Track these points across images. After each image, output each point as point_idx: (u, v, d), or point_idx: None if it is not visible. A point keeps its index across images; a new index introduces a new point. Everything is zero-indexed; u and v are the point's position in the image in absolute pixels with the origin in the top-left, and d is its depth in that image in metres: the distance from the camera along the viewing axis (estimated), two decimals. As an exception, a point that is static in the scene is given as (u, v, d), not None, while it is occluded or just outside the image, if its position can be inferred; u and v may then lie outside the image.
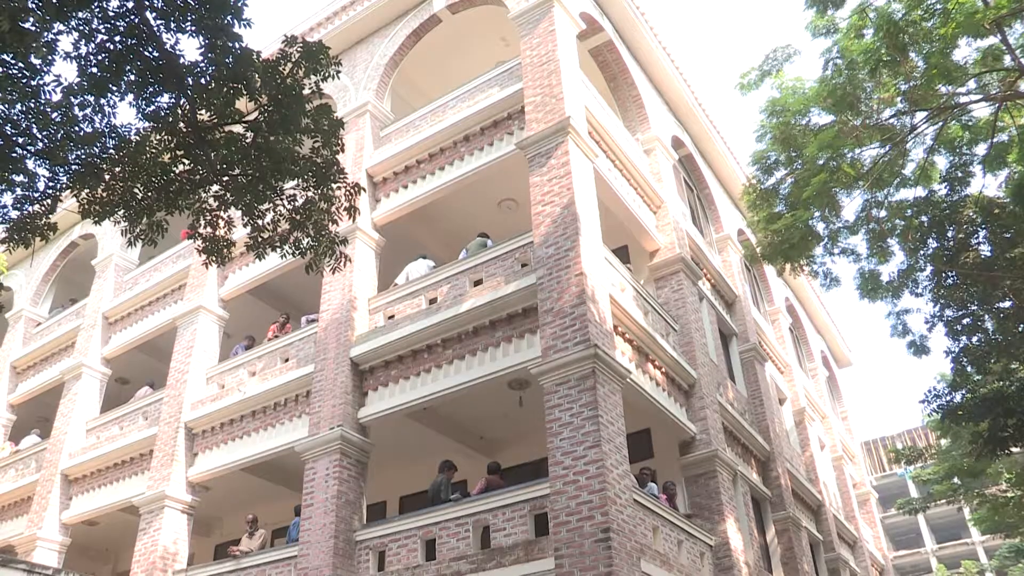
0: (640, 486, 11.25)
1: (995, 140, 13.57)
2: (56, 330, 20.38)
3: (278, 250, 8.91)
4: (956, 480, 21.27)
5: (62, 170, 7.89)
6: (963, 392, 15.52)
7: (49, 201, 7.99)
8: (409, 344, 12.53)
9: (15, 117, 7.47)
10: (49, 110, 7.53)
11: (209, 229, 8.64)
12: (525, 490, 10.58)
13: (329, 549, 11.61)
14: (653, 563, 10.36)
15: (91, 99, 7.53)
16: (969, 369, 15.47)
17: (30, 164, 7.80)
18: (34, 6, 6.63)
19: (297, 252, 8.98)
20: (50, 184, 7.91)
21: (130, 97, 7.57)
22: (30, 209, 7.95)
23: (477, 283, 12.36)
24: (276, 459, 14.06)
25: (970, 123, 13.95)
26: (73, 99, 7.51)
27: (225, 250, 8.91)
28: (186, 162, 7.99)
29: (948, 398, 15.59)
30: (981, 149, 14.19)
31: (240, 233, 9.57)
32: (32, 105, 7.44)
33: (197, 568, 14.17)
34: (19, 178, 7.72)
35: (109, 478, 16.53)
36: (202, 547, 16.77)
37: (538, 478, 10.67)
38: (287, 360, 14.39)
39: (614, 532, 9.40)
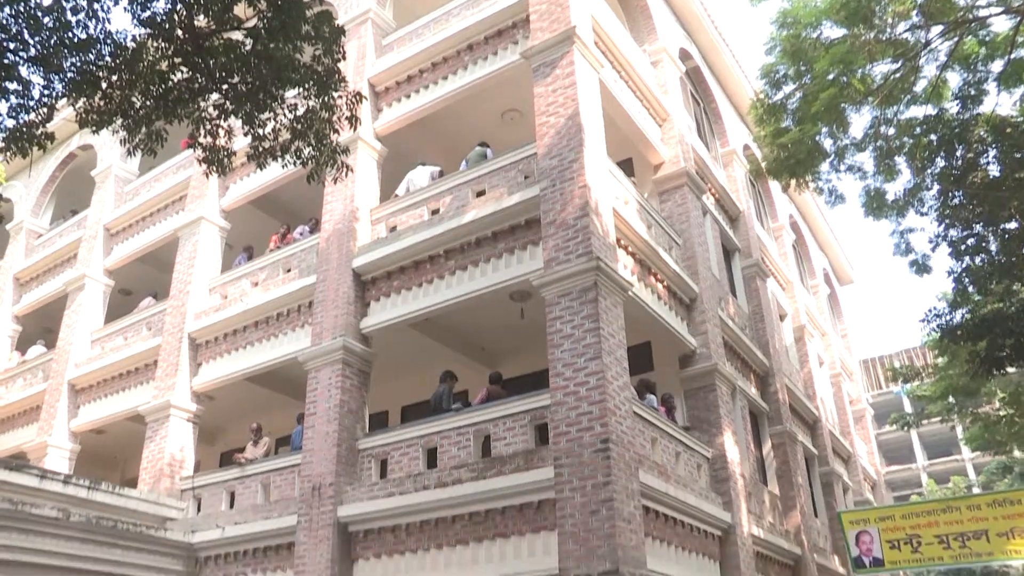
0: (639, 398, 11.38)
1: (1013, 56, 13.26)
2: (58, 242, 20.36)
3: (279, 160, 8.85)
4: (951, 399, 21.48)
5: (57, 78, 7.76)
6: (963, 312, 15.54)
7: (45, 110, 7.88)
8: (411, 255, 12.53)
9: (5, 21, 7.29)
10: (40, 14, 7.35)
11: (209, 139, 8.56)
12: (526, 400, 10.73)
13: (332, 457, 11.83)
14: (651, 474, 10.55)
15: (83, 3, 7.36)
16: (970, 289, 15.44)
17: (24, 71, 7.67)
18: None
19: (298, 162, 8.91)
20: (45, 92, 7.78)
21: (124, 2, 7.39)
22: (26, 118, 7.84)
23: (480, 194, 12.28)
24: (279, 369, 14.22)
25: (987, 38, 13.61)
26: (65, 3, 7.34)
27: (226, 160, 8.84)
28: (184, 70, 7.85)
29: (948, 318, 15.59)
30: (997, 66, 13.86)
31: (241, 143, 9.48)
32: (22, 8, 7.26)
33: (203, 475, 14.49)
34: (13, 86, 7.59)
35: (115, 387, 16.75)
36: (207, 455, 17.10)
37: (539, 389, 10.79)
38: (289, 270, 14.41)
39: (613, 443, 9.55)
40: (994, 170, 14.55)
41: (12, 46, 7.41)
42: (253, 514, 12.92)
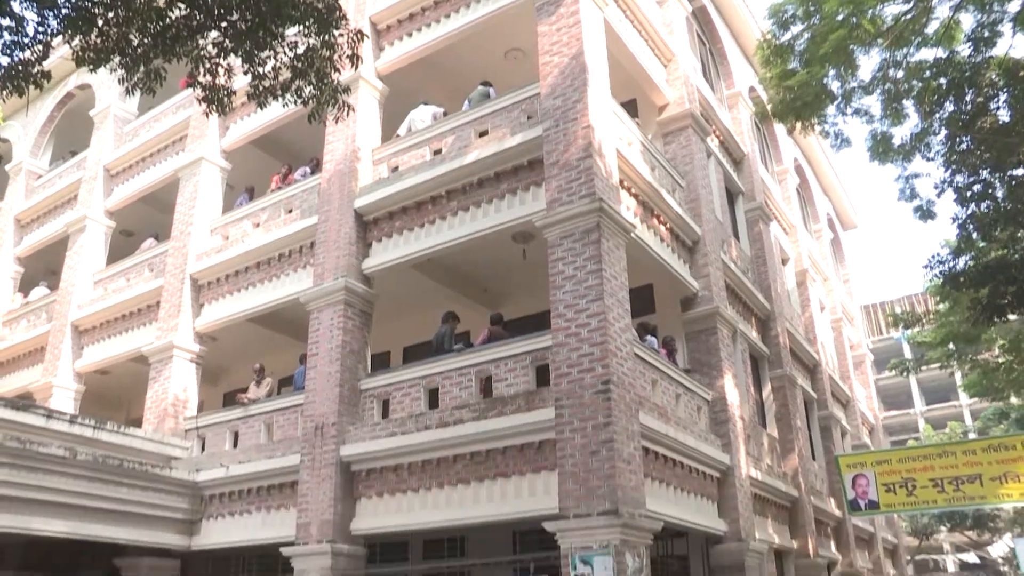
0: (640, 340, 11.41)
1: (1032, -6, 12.97)
2: (57, 183, 20.24)
3: (280, 99, 8.76)
4: (951, 346, 21.54)
5: (52, 14, 7.60)
6: (966, 259, 15.49)
7: (40, 47, 7.74)
8: (413, 195, 12.46)
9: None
10: (31, -54, 7.20)
11: (209, 77, 8.44)
12: (527, 342, 10.75)
13: (334, 397, 11.92)
14: (651, 415, 10.62)
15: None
16: (975, 236, 15.36)
17: (16, 7, 7.52)
18: None
19: (299, 101, 8.82)
20: (40, 29, 7.63)
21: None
22: (21, 56, 7.70)
23: (482, 134, 12.16)
24: (281, 310, 14.25)
25: (1005, -24, 13.30)
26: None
27: (225, 99, 8.73)
28: (182, 7, 7.71)
29: (951, 264, 15.54)
30: (1014, 6, 13.54)
31: (241, 82, 9.35)
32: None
33: (206, 415, 14.62)
34: (6, 22, 7.45)
35: (118, 328, 16.80)
36: (211, 395, 17.23)
37: (540, 330, 10.82)
38: (291, 211, 14.35)
39: (614, 384, 9.59)
40: (1004, 115, 14.34)
41: (3, -21, 7.26)
42: (256, 453, 13.07)
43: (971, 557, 46.29)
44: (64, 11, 7.51)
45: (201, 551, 13.54)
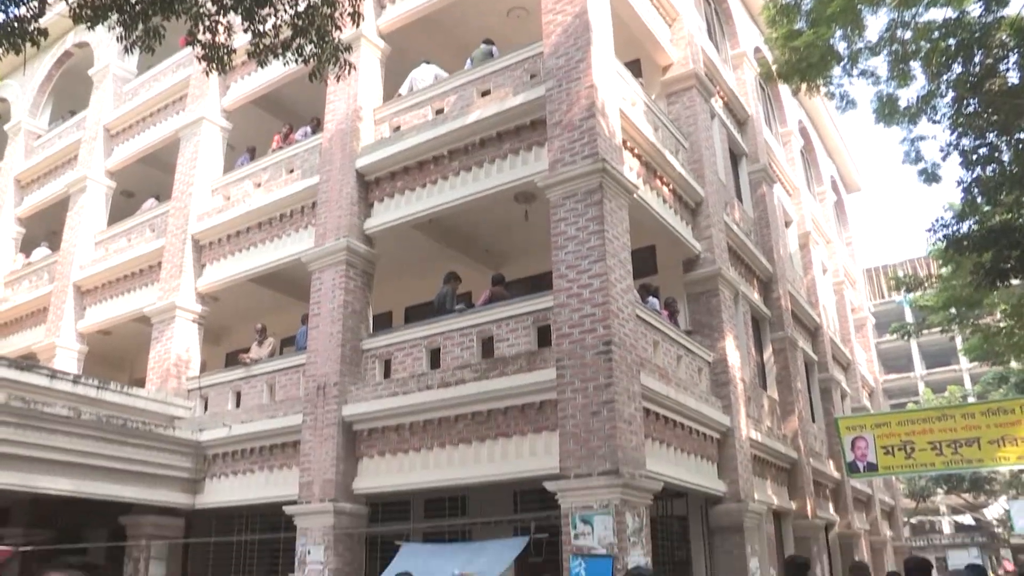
0: (642, 301, 11.40)
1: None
2: (57, 143, 20.12)
3: (280, 57, 8.67)
4: (953, 310, 21.52)
5: (47, -32, 7.51)
6: (970, 223, 15.40)
7: (36, 3, 7.65)
8: (415, 155, 12.37)
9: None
10: None
11: (208, 35, 8.35)
12: (529, 302, 10.76)
13: (336, 357, 11.95)
14: (652, 376, 10.64)
15: None
16: (979, 200, 15.27)
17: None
18: None
19: (300, 59, 8.73)
20: (36, -16, 7.55)
21: None
22: (16, 12, 7.61)
23: (484, 94, 12.04)
24: (283, 270, 14.24)
25: (1019, -69, 13.06)
26: None
27: (225, 57, 8.64)
28: (180, -37, 7.60)
29: (954, 228, 15.46)
30: (1028, -36, 13.35)
31: (241, 40, 9.25)
32: None
33: (209, 375, 14.68)
34: (1, -24, 7.36)
35: (120, 289, 16.81)
36: (213, 355, 17.27)
37: (542, 291, 10.82)
38: (292, 171, 14.28)
39: (615, 345, 9.60)
40: (1013, 77, 14.17)
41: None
42: (259, 413, 13.14)
43: (967, 519, 46.75)
44: (60, -35, 7.41)
45: (205, 509, 13.68)
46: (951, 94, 14.71)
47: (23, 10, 7.60)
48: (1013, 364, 26.28)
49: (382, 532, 11.82)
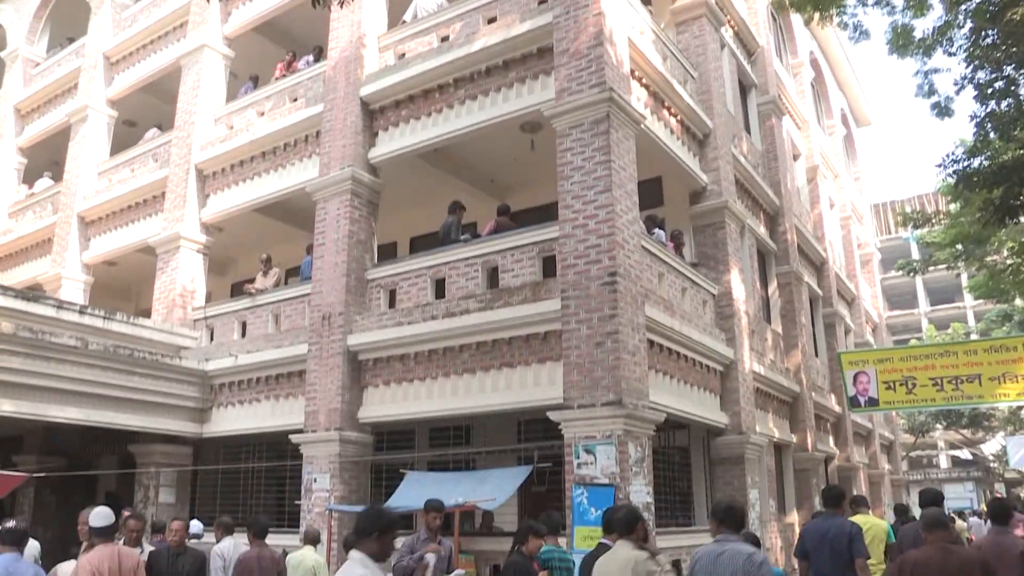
0: (648, 233, 11.34)
1: None
2: (56, 71, 19.83)
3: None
4: (959, 247, 21.41)
5: None
6: (982, 158, 15.20)
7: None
8: (420, 83, 12.18)
9: None
10: None
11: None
12: (534, 232, 10.71)
13: (341, 287, 11.96)
14: (657, 308, 10.64)
15: None
16: (992, 135, 15.03)
17: None
18: None
19: (301, -18, 8.51)
20: None
21: None
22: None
23: (491, 21, 11.78)
24: (287, 200, 14.18)
25: None
26: None
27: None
28: None
29: (965, 164, 15.26)
30: None
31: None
32: None
33: (214, 305, 14.74)
34: None
35: (124, 219, 16.77)
36: (218, 285, 17.31)
37: (547, 221, 10.75)
38: (296, 100, 14.09)
39: (620, 276, 9.58)
40: (1036, 7, 13.82)
41: None
42: (265, 343, 13.21)
43: (964, 454, 47.36)
44: None
45: (212, 438, 13.87)
46: (969, 25, 14.35)
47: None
48: (1018, 302, 26.23)
49: (387, 460, 11.98)
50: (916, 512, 10.34)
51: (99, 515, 6.68)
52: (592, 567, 5.91)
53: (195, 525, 9.85)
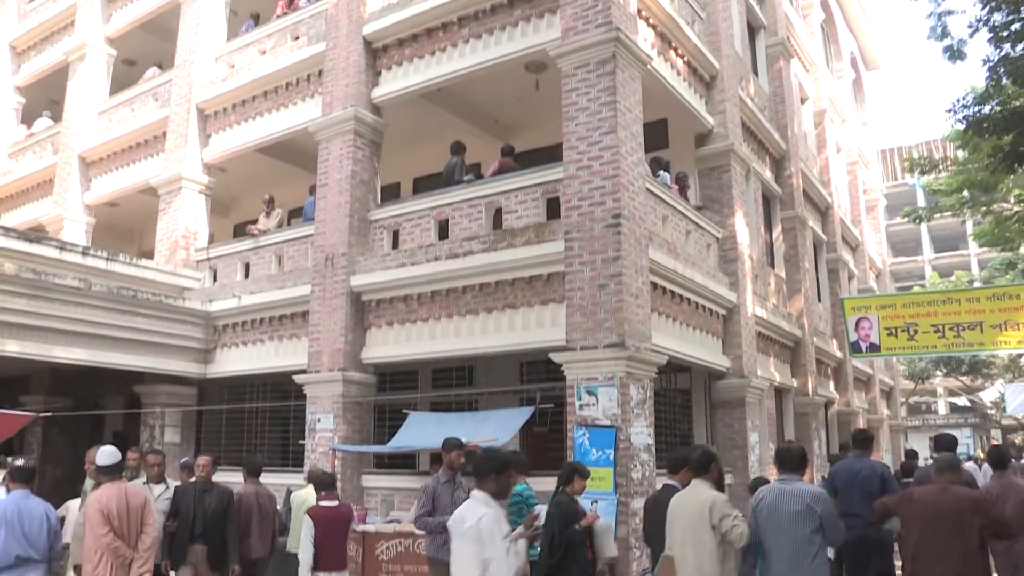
0: (653, 175, 11.25)
1: None
2: (52, 7, 19.44)
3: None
4: (966, 193, 21.25)
5: None
6: (993, 104, 14.99)
7: None
8: (424, 21, 11.97)
9: None
10: None
11: None
12: (538, 174, 10.63)
13: (344, 227, 11.92)
14: (661, 251, 10.61)
15: None
16: (1005, 80, 14.80)
17: None
18: None
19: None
20: None
21: None
22: None
23: (496, -42, 11.54)
24: (290, 140, 14.06)
25: None
26: None
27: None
28: None
29: (976, 109, 15.06)
30: None
31: None
32: None
33: (217, 246, 14.71)
34: None
35: (125, 160, 16.66)
36: (221, 226, 17.25)
37: (552, 162, 10.66)
38: (297, 38, 13.87)
39: (624, 218, 9.52)
40: (1058, -55, 13.49)
41: None
42: (268, 284, 13.22)
43: (962, 401, 47.69)
44: None
45: (216, 378, 13.97)
46: (986, -38, 14.05)
47: None
48: (1022, 250, 26.12)
49: (390, 401, 12.05)
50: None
51: (105, 454, 6.77)
52: (656, 509, 6.19)
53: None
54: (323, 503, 7.73)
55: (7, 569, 6.15)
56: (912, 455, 11.70)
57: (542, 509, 6.73)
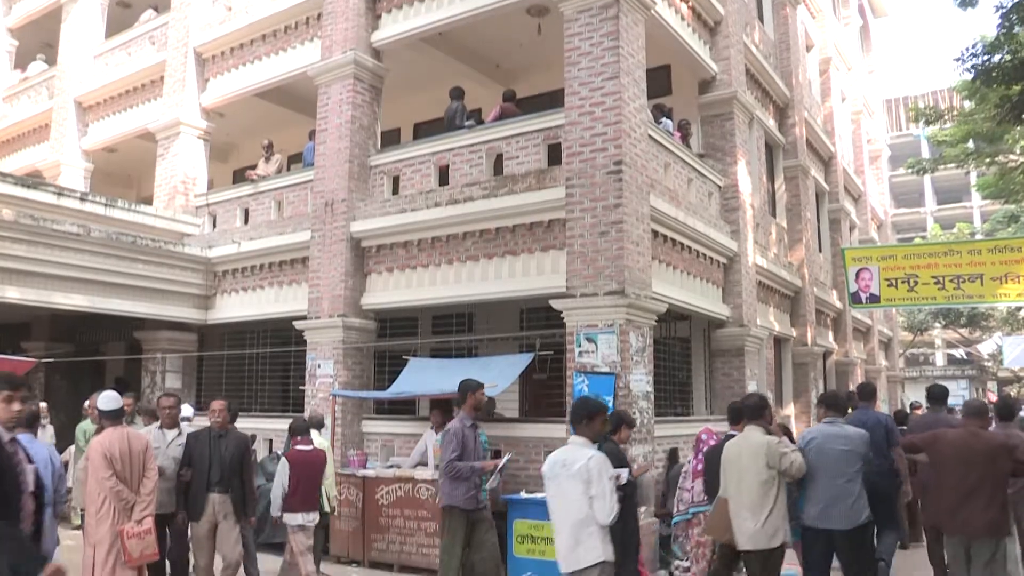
0: (655, 122, 11.14)
1: None
2: (42, -56, 19.09)
3: None
4: (971, 144, 21.10)
5: None
6: (1003, 53, 14.77)
7: None
8: (424, -38, 11.77)
9: None
10: None
11: None
12: (540, 119, 10.51)
13: (344, 173, 11.83)
14: (662, 198, 10.55)
15: None
16: (1016, 29, 14.57)
17: None
18: None
19: None
20: None
21: None
22: None
23: None
24: (289, 84, 13.89)
25: None
26: None
27: None
28: None
29: (985, 58, 14.84)
30: None
31: None
32: None
33: (217, 192, 14.64)
34: None
35: (123, 105, 16.48)
36: (220, 172, 17.13)
37: (553, 108, 10.55)
38: (296, -22, 13.63)
39: (626, 165, 9.45)
40: None
41: None
42: (267, 230, 13.17)
43: (960, 353, 47.92)
44: None
45: (217, 324, 14.00)
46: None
47: None
48: (1026, 203, 26.02)
49: (390, 347, 12.08)
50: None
51: (107, 399, 6.83)
52: (716, 459, 6.51)
53: (186, 409, 10.05)
54: (298, 447, 7.94)
55: (15, 510, 6.23)
56: (916, 407, 11.89)
57: (622, 472, 6.82)
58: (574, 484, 5.05)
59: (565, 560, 5.11)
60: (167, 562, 7.55)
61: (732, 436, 6.87)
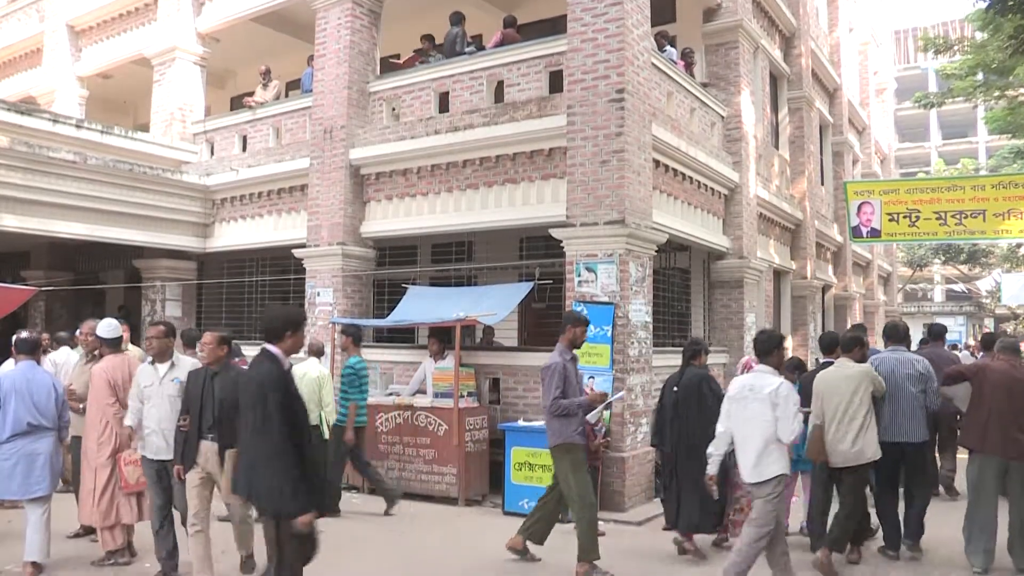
0: (658, 50, 10.95)
1: None
2: None
3: None
4: (980, 76, 20.76)
5: None
6: (1020, -17, 14.43)
7: None
8: None
9: None
10: None
11: None
12: (541, 46, 10.32)
13: (343, 99, 11.66)
14: (664, 127, 10.43)
15: None
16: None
17: None
18: None
19: None
20: None
21: None
22: None
23: None
24: (287, 9, 13.58)
25: None
26: None
27: None
28: None
29: (1000, -12, 14.49)
30: None
31: None
32: None
33: (214, 119, 14.47)
34: None
35: (117, 29, 16.15)
36: (217, 99, 16.87)
37: (555, 34, 10.35)
38: None
39: (628, 93, 9.31)
40: None
41: None
42: (266, 157, 13.06)
43: (959, 288, 48.04)
44: None
45: (216, 253, 13.97)
46: None
47: None
48: (1033, 138, 25.74)
49: (389, 275, 12.07)
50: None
51: (106, 326, 6.86)
52: (813, 382, 7.03)
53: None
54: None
55: (21, 436, 6.32)
56: (924, 343, 11.94)
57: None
58: (762, 408, 5.68)
59: (749, 473, 5.76)
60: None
61: (829, 363, 7.47)
